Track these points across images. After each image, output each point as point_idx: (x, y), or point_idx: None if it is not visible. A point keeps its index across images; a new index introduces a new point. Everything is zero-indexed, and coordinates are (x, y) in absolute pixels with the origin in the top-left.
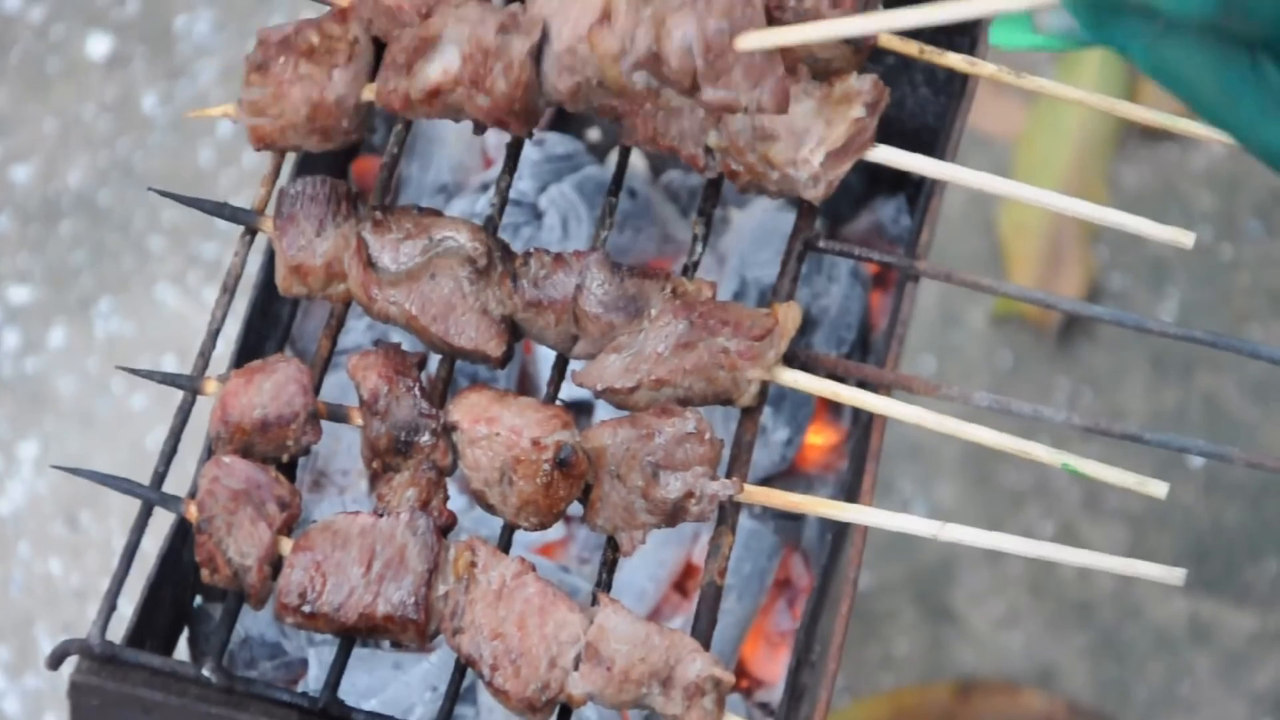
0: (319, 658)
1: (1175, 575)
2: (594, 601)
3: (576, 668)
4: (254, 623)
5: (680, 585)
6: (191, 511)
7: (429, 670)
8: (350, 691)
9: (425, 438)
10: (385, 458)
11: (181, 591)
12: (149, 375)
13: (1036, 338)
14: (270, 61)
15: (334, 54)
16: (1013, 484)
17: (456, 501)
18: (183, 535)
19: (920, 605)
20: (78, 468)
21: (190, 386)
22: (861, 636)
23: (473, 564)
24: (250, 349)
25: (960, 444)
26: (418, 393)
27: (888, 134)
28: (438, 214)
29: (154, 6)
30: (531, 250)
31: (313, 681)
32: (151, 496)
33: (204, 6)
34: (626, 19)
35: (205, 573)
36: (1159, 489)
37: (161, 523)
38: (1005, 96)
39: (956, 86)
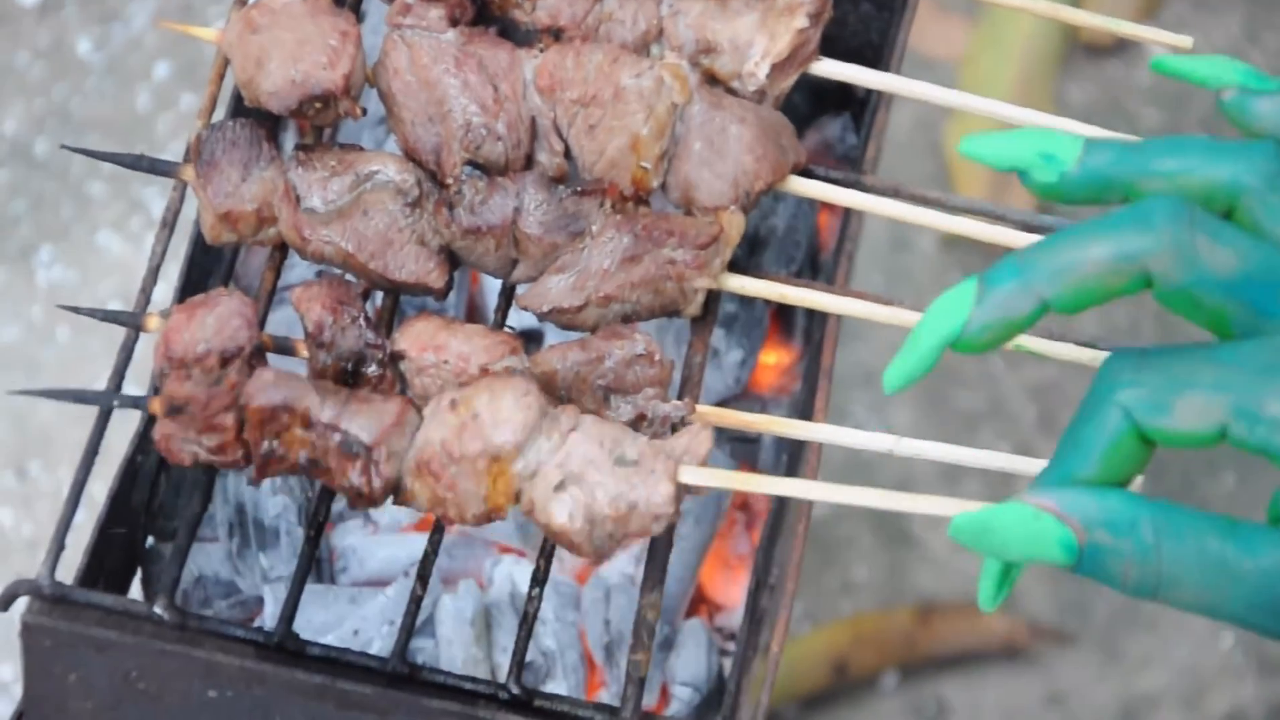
0: (274, 595)
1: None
2: None
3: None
4: (207, 562)
5: None
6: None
7: (386, 604)
8: (306, 627)
9: (372, 368)
10: None
11: (133, 532)
12: (90, 313)
13: (987, 259)
14: None
15: None
16: (967, 407)
17: None
18: (132, 476)
19: (878, 531)
20: (35, 389)
21: (133, 323)
22: (820, 564)
23: None
24: (193, 286)
25: None
26: (363, 322)
27: (831, 53)
28: (359, 148)
29: None
30: (464, 176)
31: (269, 619)
32: (109, 401)
33: None
34: None
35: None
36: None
37: (109, 466)
38: (947, 18)
39: (898, 1)
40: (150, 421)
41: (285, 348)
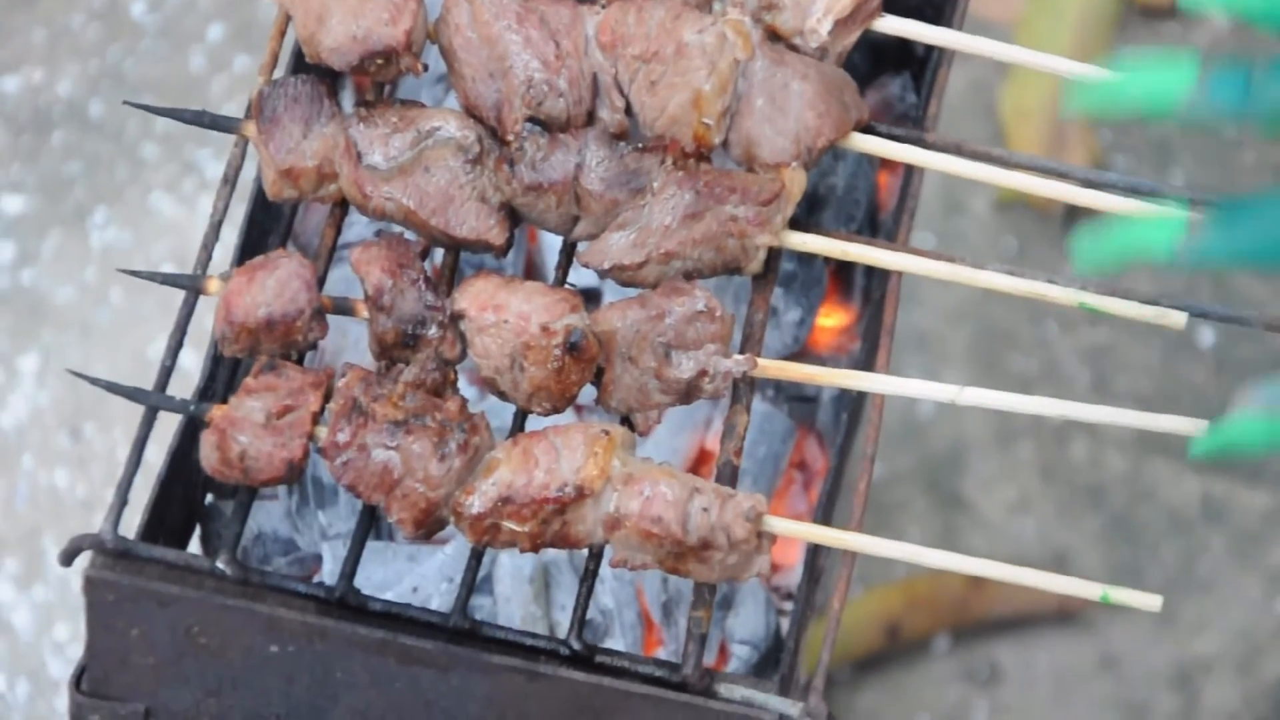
0: (332, 552)
1: (1196, 426)
2: None
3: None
4: (267, 519)
5: (695, 471)
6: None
7: (445, 562)
8: (366, 584)
9: (432, 330)
10: (393, 352)
11: (192, 489)
12: (150, 277)
13: (1041, 222)
14: None
15: None
16: (1021, 370)
17: (466, 392)
18: (192, 433)
19: (931, 494)
20: (87, 375)
21: (192, 286)
22: (874, 527)
23: None
24: (253, 244)
25: (968, 331)
26: (422, 284)
27: (892, 11)
28: (420, 105)
29: None
30: (525, 133)
31: (327, 576)
32: (180, 407)
33: None
34: None
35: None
36: (1178, 319)
37: (170, 421)
38: None
39: None
40: (211, 377)
41: (344, 308)
